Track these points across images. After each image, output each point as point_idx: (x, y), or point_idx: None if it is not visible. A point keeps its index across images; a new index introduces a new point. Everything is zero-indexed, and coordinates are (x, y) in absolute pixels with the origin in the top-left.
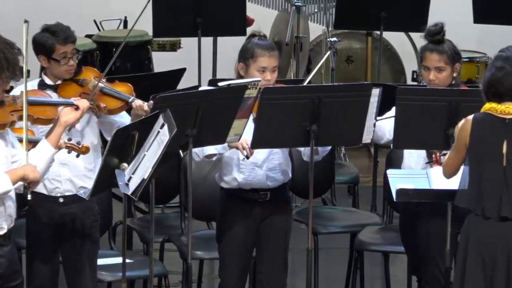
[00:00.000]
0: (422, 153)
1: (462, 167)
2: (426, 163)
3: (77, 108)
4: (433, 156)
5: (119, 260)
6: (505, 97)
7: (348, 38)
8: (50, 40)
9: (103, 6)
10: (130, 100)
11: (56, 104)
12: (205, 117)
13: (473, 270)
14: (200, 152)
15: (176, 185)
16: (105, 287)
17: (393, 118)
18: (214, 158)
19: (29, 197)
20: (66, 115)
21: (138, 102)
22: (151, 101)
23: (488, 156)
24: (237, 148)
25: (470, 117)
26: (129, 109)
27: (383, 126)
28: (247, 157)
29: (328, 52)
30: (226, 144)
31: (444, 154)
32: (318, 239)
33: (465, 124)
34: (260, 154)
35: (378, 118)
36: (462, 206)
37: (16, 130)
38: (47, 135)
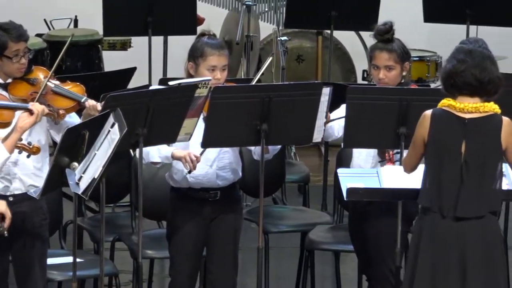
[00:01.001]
0: (372, 152)
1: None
2: (379, 161)
3: (32, 112)
4: (386, 154)
5: (69, 259)
6: (463, 90)
7: (299, 37)
8: (3, 37)
9: (53, 5)
10: (82, 100)
11: (13, 108)
12: (156, 116)
13: (423, 268)
14: (146, 156)
15: (127, 184)
16: (56, 286)
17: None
18: (158, 166)
19: None
20: (23, 120)
21: (91, 102)
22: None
23: (446, 155)
24: (180, 160)
25: (428, 112)
26: (79, 110)
27: (333, 124)
28: (190, 172)
29: (270, 59)
30: (169, 155)
31: (397, 153)
32: (269, 238)
33: (423, 120)
34: (210, 153)
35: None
36: (423, 205)
37: None
38: (4, 139)
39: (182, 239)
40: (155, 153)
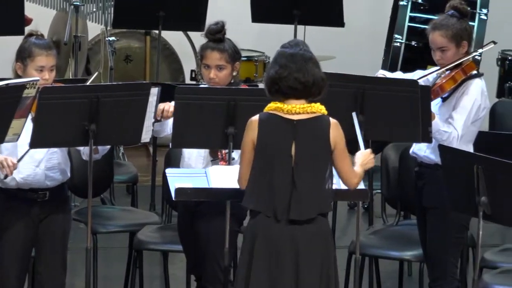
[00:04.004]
0: (202, 152)
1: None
2: (211, 160)
3: None
4: (219, 153)
5: None
6: (288, 95)
7: (127, 37)
8: None
9: None
10: None
11: None
12: None
13: (259, 270)
14: None
15: None
16: None
17: None
18: None
19: None
20: None
21: None
22: None
23: (277, 158)
24: None
25: (255, 118)
26: None
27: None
28: (6, 177)
29: (96, 74)
30: None
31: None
32: (97, 238)
33: (250, 126)
34: (38, 153)
35: None
36: (251, 208)
37: None
38: None
39: (10, 239)
40: None
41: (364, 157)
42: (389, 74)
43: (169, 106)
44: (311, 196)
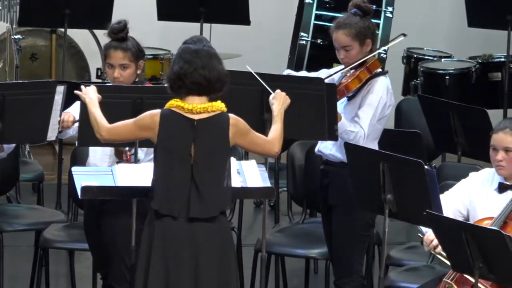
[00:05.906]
0: (108, 150)
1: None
2: (117, 162)
3: None
4: (123, 155)
5: None
6: (192, 91)
7: (33, 35)
8: None
9: None
10: None
11: None
12: None
13: (157, 267)
14: None
15: None
16: None
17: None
18: None
19: None
20: None
21: None
22: None
23: (176, 156)
24: None
25: (157, 112)
26: None
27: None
28: None
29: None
30: None
31: (134, 154)
32: (3, 236)
33: (152, 117)
34: None
35: None
36: (153, 207)
37: None
38: None
39: None
40: None
41: (279, 98)
42: (294, 73)
43: (68, 116)
44: (211, 194)
